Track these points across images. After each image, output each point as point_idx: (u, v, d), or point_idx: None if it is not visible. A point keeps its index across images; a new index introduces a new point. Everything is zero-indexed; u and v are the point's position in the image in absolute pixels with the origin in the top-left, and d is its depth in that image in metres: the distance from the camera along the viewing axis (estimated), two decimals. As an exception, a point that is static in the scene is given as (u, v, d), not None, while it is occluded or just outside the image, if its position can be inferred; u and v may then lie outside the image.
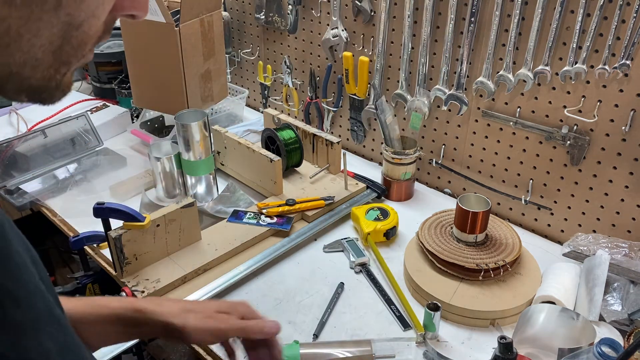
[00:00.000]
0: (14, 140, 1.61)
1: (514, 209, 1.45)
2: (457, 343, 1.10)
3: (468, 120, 1.46)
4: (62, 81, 0.46)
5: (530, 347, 1.02)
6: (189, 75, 1.60)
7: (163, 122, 1.84)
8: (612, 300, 1.10)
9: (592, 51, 1.18)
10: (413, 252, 1.26)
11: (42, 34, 0.42)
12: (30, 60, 0.42)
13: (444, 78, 1.45)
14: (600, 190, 1.28)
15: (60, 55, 0.44)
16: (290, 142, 1.54)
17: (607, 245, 1.21)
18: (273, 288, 1.23)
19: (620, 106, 1.18)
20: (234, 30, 2.01)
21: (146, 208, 1.43)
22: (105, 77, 2.02)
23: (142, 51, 1.61)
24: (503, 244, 1.22)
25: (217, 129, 1.59)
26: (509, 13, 1.28)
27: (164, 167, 1.46)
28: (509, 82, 1.32)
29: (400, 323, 1.13)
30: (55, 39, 0.43)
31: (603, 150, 1.24)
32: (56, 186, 1.56)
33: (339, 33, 1.63)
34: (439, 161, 1.56)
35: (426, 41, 1.44)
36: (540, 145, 1.34)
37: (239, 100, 1.95)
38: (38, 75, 0.44)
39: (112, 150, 1.71)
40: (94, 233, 1.30)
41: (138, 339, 0.84)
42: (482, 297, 1.13)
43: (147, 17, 1.52)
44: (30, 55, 0.42)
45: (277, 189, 1.47)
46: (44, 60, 0.43)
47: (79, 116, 1.71)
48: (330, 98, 1.76)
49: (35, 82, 0.44)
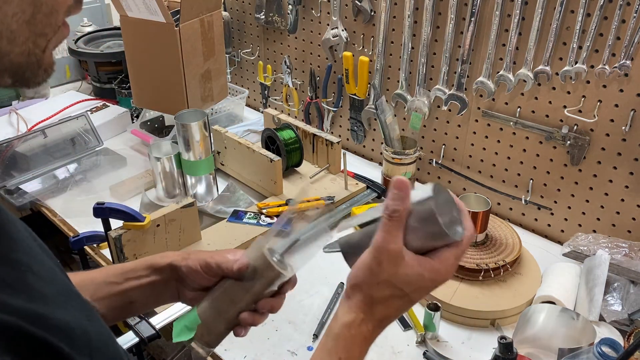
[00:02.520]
0: (14, 140, 1.61)
1: (514, 209, 1.45)
2: (457, 343, 1.10)
3: (468, 120, 1.46)
4: (42, 58, 0.47)
5: (531, 347, 1.02)
6: (189, 75, 1.60)
7: (163, 122, 1.84)
8: (612, 300, 1.10)
9: (592, 51, 1.18)
10: (413, 252, 1.25)
11: (11, 0, 0.43)
12: (6, 32, 0.44)
13: (444, 78, 1.45)
14: (600, 190, 1.28)
15: (34, 26, 0.45)
16: (290, 142, 1.54)
17: (607, 245, 1.21)
18: (273, 288, 1.22)
19: (620, 106, 1.18)
20: (234, 30, 2.01)
21: (146, 208, 1.43)
22: (105, 77, 2.02)
23: (142, 51, 1.61)
24: (503, 244, 1.22)
25: (217, 129, 1.59)
26: (509, 13, 1.28)
27: (164, 167, 1.46)
28: (509, 82, 1.32)
29: (400, 323, 1.13)
30: (26, 7, 0.44)
31: (603, 150, 1.24)
32: (56, 186, 1.56)
33: (339, 33, 1.63)
34: (439, 161, 1.56)
35: (426, 41, 1.44)
36: (541, 145, 1.34)
37: (239, 100, 1.95)
38: (17, 50, 0.45)
39: (112, 150, 1.71)
40: (94, 233, 1.30)
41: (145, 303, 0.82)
42: (482, 297, 1.13)
43: (147, 17, 1.53)
44: (4, 27, 0.43)
45: (277, 189, 1.47)
46: (19, 32, 0.44)
47: (79, 116, 1.71)
48: (330, 98, 1.76)
49: (16, 59, 0.45)
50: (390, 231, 0.58)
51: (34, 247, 0.51)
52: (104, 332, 0.51)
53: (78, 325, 0.46)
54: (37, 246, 0.52)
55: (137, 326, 1.07)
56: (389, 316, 0.62)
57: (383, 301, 0.60)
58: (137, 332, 1.06)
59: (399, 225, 0.58)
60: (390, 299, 0.60)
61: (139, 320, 1.08)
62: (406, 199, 0.58)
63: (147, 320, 1.09)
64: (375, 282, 0.60)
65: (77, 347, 0.44)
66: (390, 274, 0.59)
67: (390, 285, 0.59)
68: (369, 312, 0.61)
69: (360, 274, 0.61)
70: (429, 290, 0.61)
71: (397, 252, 0.58)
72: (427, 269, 0.59)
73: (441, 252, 0.60)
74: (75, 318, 0.46)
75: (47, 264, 0.51)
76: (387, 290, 0.60)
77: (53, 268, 0.52)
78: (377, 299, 0.60)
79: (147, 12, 1.51)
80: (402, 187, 0.58)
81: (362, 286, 0.61)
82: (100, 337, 0.49)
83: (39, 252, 0.51)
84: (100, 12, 2.29)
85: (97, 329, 0.49)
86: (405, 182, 0.58)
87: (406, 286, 0.59)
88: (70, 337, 0.44)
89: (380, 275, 0.59)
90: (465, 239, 0.60)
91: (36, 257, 0.49)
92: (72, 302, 0.49)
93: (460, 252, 0.60)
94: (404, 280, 0.59)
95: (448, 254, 0.59)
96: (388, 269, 0.59)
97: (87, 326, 0.47)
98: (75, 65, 2.22)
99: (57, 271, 0.53)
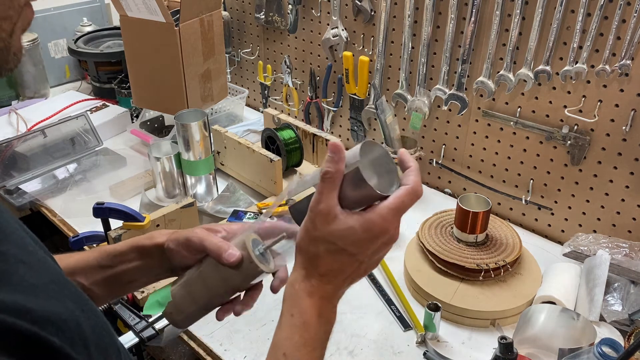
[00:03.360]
0: (14, 140, 1.61)
1: (514, 209, 1.45)
2: (457, 343, 1.09)
3: (468, 120, 1.45)
4: (10, 42, 0.48)
5: (531, 347, 1.02)
6: (189, 75, 1.60)
7: (163, 122, 1.84)
8: (612, 300, 1.10)
9: (593, 51, 1.18)
10: (413, 252, 1.26)
11: None
12: None
13: (444, 78, 1.45)
14: (600, 190, 1.27)
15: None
16: (290, 142, 1.54)
17: (607, 245, 1.21)
18: (273, 288, 1.22)
19: (620, 106, 1.18)
20: (234, 30, 2.01)
21: (146, 208, 1.43)
22: (105, 77, 2.02)
23: (142, 51, 1.61)
24: (503, 244, 1.22)
25: (217, 128, 1.59)
26: (509, 13, 1.28)
27: (164, 167, 1.46)
28: (510, 81, 1.32)
29: (400, 323, 1.13)
30: None
31: (603, 150, 1.24)
32: (56, 186, 1.56)
33: (339, 33, 1.63)
34: (439, 161, 1.56)
35: (426, 41, 1.44)
36: (541, 145, 1.34)
37: (239, 100, 1.94)
38: None
39: (112, 150, 1.71)
40: (93, 233, 1.30)
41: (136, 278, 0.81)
42: (483, 297, 1.13)
43: (147, 17, 1.53)
44: None
45: (277, 189, 1.47)
46: None
47: (78, 116, 1.71)
48: (330, 98, 1.76)
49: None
50: (322, 192, 0.61)
51: (25, 238, 0.50)
52: (99, 323, 0.51)
53: (71, 316, 0.45)
54: (28, 237, 0.52)
55: (137, 326, 1.06)
56: (332, 270, 0.63)
57: (322, 256, 0.63)
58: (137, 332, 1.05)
59: (331, 186, 0.61)
60: (327, 254, 0.62)
61: (139, 320, 1.07)
62: (340, 161, 0.61)
63: (147, 321, 1.08)
64: (311, 239, 0.63)
65: (69, 339, 0.44)
66: (323, 231, 0.62)
67: (324, 241, 0.62)
68: (310, 268, 0.64)
69: (300, 236, 0.64)
70: (369, 243, 0.62)
71: (328, 211, 0.61)
72: (359, 222, 0.61)
73: (376, 205, 0.62)
74: (67, 309, 0.46)
75: (39, 255, 0.50)
76: (321, 245, 0.62)
77: (45, 259, 0.51)
78: (314, 254, 0.63)
79: (147, 11, 1.51)
80: (335, 150, 0.61)
81: (301, 246, 0.64)
82: (95, 328, 0.48)
83: (30, 243, 0.51)
84: (100, 12, 2.29)
85: (92, 321, 0.49)
86: (339, 145, 0.61)
87: (339, 240, 0.61)
88: (61, 329, 0.43)
89: (314, 233, 0.62)
90: (401, 190, 0.62)
91: (27, 248, 0.49)
92: (65, 293, 0.48)
93: (396, 202, 0.61)
94: (337, 235, 0.61)
95: (382, 206, 0.61)
96: (321, 228, 0.62)
97: (80, 317, 0.47)
98: (75, 65, 2.22)
99: (50, 262, 0.52)
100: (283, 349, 0.62)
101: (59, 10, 2.15)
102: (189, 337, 1.13)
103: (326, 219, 0.61)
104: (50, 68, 2.13)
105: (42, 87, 2.08)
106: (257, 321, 1.14)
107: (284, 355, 0.62)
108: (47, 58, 2.12)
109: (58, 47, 2.17)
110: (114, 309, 1.09)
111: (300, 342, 0.62)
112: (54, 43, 2.16)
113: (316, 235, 0.62)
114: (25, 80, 2.02)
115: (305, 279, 0.64)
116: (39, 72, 2.05)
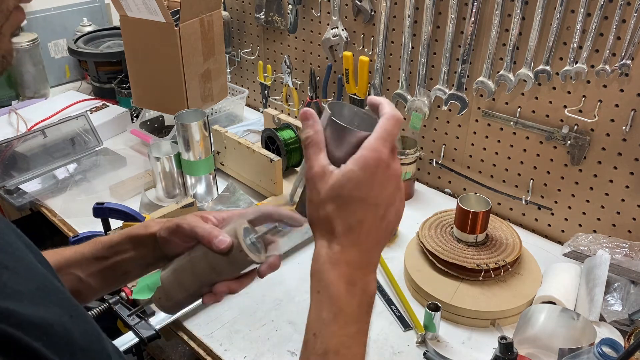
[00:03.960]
0: (14, 140, 1.61)
1: (514, 209, 1.45)
2: (457, 343, 1.09)
3: (468, 120, 1.45)
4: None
5: (531, 347, 1.02)
6: (188, 75, 1.60)
7: (163, 122, 1.84)
8: (612, 300, 1.10)
9: (593, 51, 1.18)
10: (413, 252, 1.26)
11: None
12: None
13: (444, 78, 1.45)
14: (600, 190, 1.27)
15: None
16: (290, 142, 1.54)
17: (607, 245, 1.21)
18: (273, 288, 1.22)
19: (620, 106, 1.18)
20: (234, 30, 2.01)
21: (146, 208, 1.43)
22: (105, 77, 2.02)
23: (142, 51, 1.61)
24: (503, 244, 1.22)
25: (217, 129, 1.59)
26: (509, 13, 1.28)
27: (164, 167, 1.46)
28: (510, 81, 1.32)
29: (400, 323, 1.13)
30: None
31: (603, 150, 1.24)
32: (56, 186, 1.56)
33: (339, 33, 1.63)
34: (439, 161, 1.56)
35: (426, 41, 1.44)
36: (541, 145, 1.34)
37: (239, 100, 1.94)
38: None
39: (111, 150, 1.71)
40: (93, 233, 1.30)
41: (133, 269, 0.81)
42: (483, 297, 1.13)
43: (147, 17, 1.53)
44: None
45: (277, 189, 1.47)
46: None
47: (78, 116, 1.71)
48: (330, 98, 1.76)
49: None
50: (310, 157, 0.60)
51: (14, 243, 0.49)
52: (89, 329, 0.50)
53: (58, 322, 0.45)
54: (19, 242, 0.51)
55: (137, 326, 1.07)
56: (350, 227, 0.59)
57: (333, 215, 0.59)
58: (137, 333, 1.06)
59: (316, 149, 0.60)
60: (337, 210, 0.59)
61: (139, 321, 1.08)
62: (315, 124, 0.61)
63: (147, 321, 1.09)
64: (318, 206, 0.60)
65: (55, 346, 0.43)
66: (325, 191, 0.59)
67: (329, 200, 0.59)
68: (327, 235, 0.60)
69: (308, 211, 0.61)
70: (371, 181, 0.59)
71: (322, 170, 0.59)
72: (352, 163, 0.58)
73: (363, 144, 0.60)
74: (55, 315, 0.45)
75: (27, 260, 0.49)
76: (329, 205, 0.59)
77: (34, 264, 0.50)
78: (325, 218, 0.59)
79: (147, 11, 1.51)
80: (307, 116, 0.62)
81: (312, 217, 0.61)
82: (84, 335, 0.48)
83: (20, 248, 0.50)
84: (100, 12, 2.29)
85: (81, 327, 0.48)
86: (309, 110, 0.62)
87: (343, 190, 0.58)
88: (48, 335, 0.43)
89: (318, 198, 0.59)
90: (380, 120, 0.60)
91: (14, 253, 0.48)
92: (52, 299, 0.47)
93: (379, 131, 0.59)
94: (338, 186, 0.58)
95: (367, 140, 0.59)
96: (321, 189, 0.59)
97: (68, 323, 0.46)
98: (75, 65, 2.22)
99: (39, 268, 0.50)
100: (313, 329, 0.58)
101: (59, 10, 2.15)
102: (189, 337, 1.13)
103: (323, 178, 0.59)
104: (50, 68, 2.13)
105: (42, 87, 2.08)
106: (257, 321, 1.14)
107: (314, 336, 0.58)
108: (47, 58, 2.11)
109: (58, 47, 2.17)
110: (114, 309, 1.09)
111: (329, 319, 0.58)
112: (54, 43, 2.16)
113: (321, 199, 0.59)
114: (25, 80, 2.02)
115: (326, 248, 0.60)
116: (39, 72, 2.05)
